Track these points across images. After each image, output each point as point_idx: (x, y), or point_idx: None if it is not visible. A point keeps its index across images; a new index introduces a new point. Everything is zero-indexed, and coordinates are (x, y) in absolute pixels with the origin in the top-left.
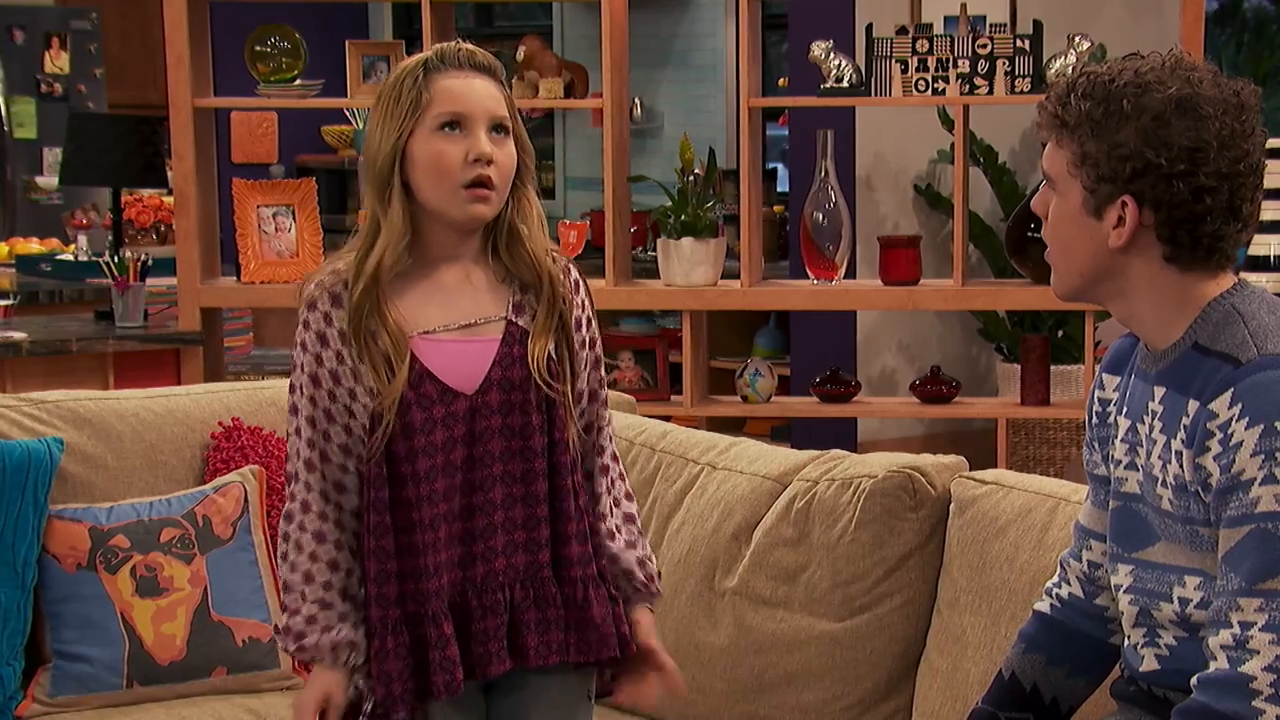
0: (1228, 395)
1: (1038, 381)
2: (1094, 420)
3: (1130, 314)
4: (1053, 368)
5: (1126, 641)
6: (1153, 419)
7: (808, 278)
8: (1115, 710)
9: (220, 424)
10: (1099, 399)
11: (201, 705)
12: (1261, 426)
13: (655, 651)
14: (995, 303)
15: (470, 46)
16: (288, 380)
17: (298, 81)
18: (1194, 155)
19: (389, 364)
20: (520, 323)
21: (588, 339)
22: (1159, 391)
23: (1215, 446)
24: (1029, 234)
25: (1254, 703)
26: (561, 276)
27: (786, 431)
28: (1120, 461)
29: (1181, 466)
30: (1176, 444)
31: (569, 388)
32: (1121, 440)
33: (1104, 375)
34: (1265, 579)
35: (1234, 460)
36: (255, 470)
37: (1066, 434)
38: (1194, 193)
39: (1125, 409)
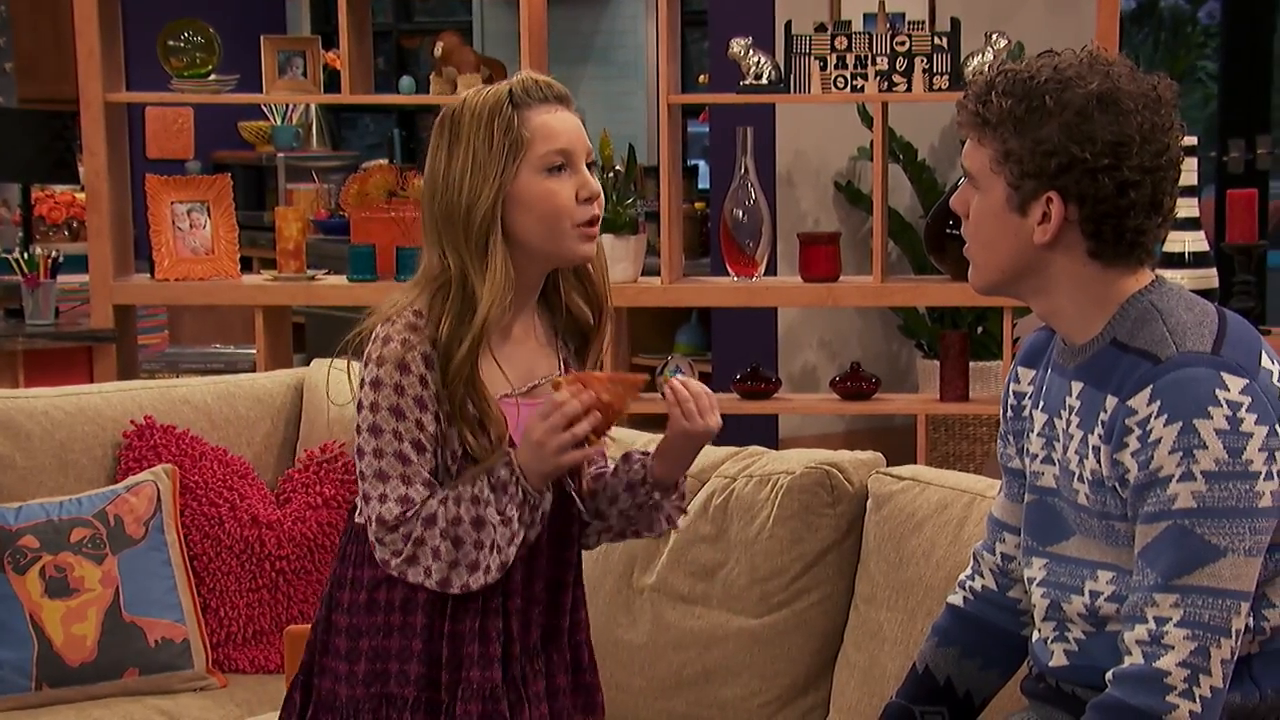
0: (1146, 392)
1: (957, 378)
2: (1009, 413)
3: (1051, 309)
4: (972, 364)
5: (1036, 635)
6: (1070, 414)
7: (728, 274)
8: (1026, 706)
9: (132, 422)
10: (1014, 392)
11: (113, 707)
12: (1180, 424)
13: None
14: (915, 299)
15: (544, 77)
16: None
17: (212, 76)
18: (1118, 149)
19: (484, 430)
20: None
21: None
22: (1076, 386)
23: (1134, 443)
24: (948, 230)
25: (1167, 698)
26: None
27: None
28: (1036, 455)
29: (1099, 462)
30: (1094, 439)
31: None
32: (1038, 434)
33: (1019, 368)
34: (1181, 575)
35: (1152, 457)
36: (169, 469)
37: (986, 430)
38: (1119, 187)
39: (1042, 403)
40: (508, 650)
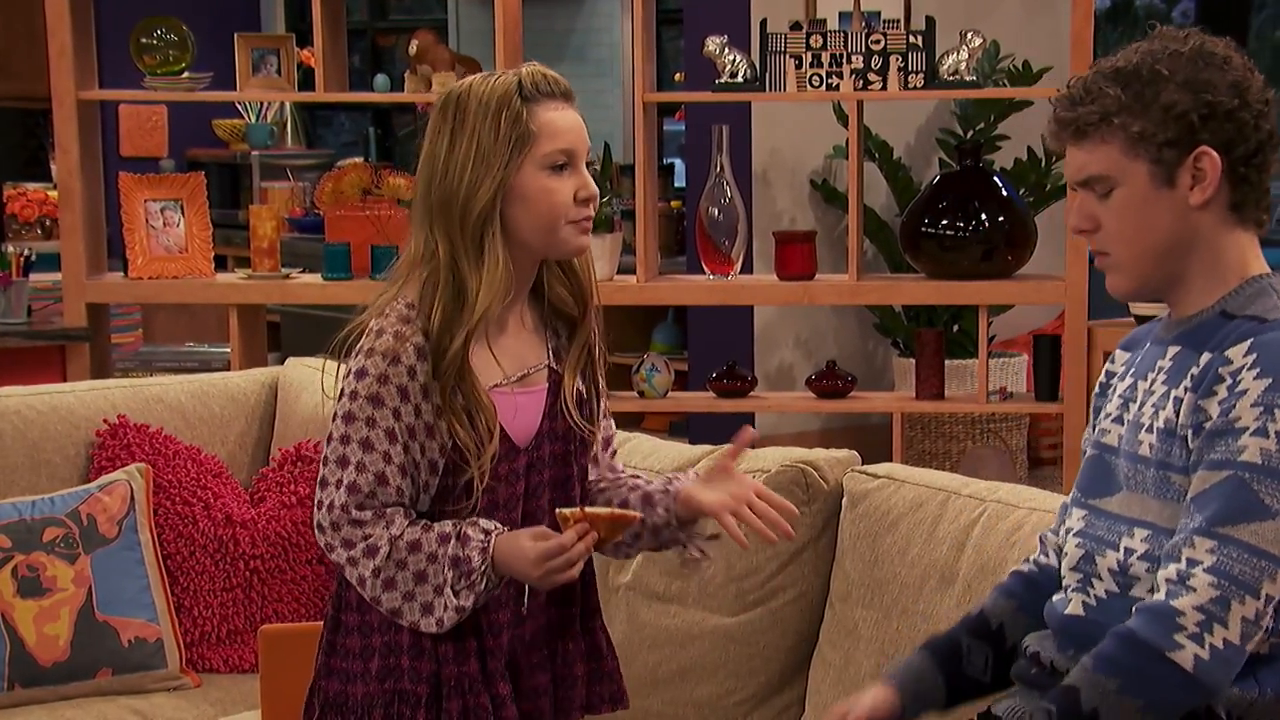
0: (1246, 345)
1: (932, 376)
2: (1096, 391)
3: (1182, 290)
4: (947, 362)
5: (1060, 592)
6: (1158, 374)
7: (704, 273)
8: (1013, 692)
9: (106, 421)
10: (1106, 371)
11: (86, 707)
12: (1270, 380)
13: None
14: (890, 297)
15: (550, 72)
16: (338, 430)
17: (185, 74)
18: (1238, 88)
19: (470, 419)
20: (560, 370)
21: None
22: (1173, 350)
23: (1222, 391)
24: (923, 229)
25: (1175, 636)
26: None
27: (685, 426)
28: (1110, 415)
29: (1177, 412)
30: (1178, 391)
31: (597, 429)
32: (1118, 396)
33: (1118, 351)
34: (1226, 524)
35: (1234, 406)
36: (142, 468)
37: (961, 428)
38: (1255, 121)
39: (1130, 372)
40: (486, 644)
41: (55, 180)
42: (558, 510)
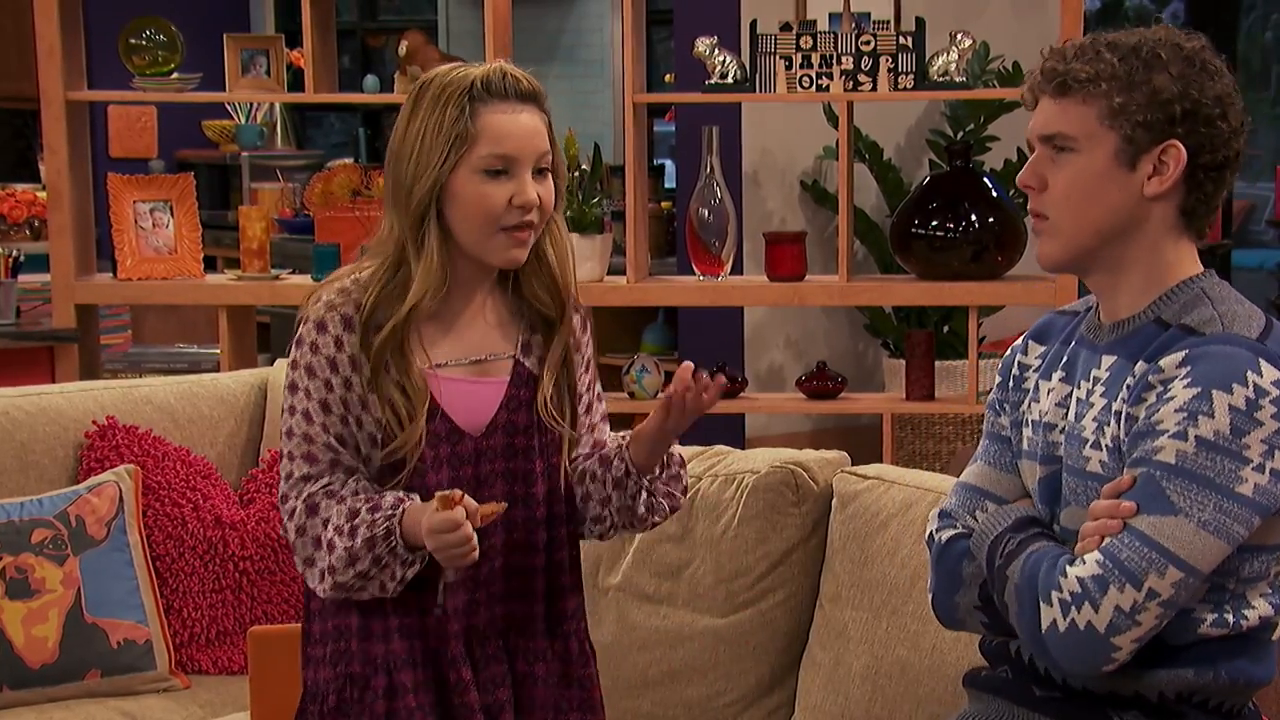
0: (1180, 355)
1: (923, 376)
2: (1010, 384)
3: (1111, 283)
4: (938, 363)
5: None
6: (1094, 385)
7: (694, 274)
8: (965, 705)
9: (94, 422)
10: (1019, 363)
11: (75, 709)
12: (1199, 390)
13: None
14: (881, 298)
15: (515, 72)
16: (288, 406)
17: (175, 75)
18: (1223, 101)
19: (405, 395)
20: (528, 364)
21: (589, 381)
22: (1108, 360)
23: (1151, 397)
24: (913, 230)
25: (1052, 594)
26: (575, 316)
27: None
28: (1055, 425)
29: (1119, 426)
30: (1118, 404)
31: (568, 430)
32: (1058, 405)
33: (1029, 342)
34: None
35: (1159, 410)
36: (131, 469)
37: (952, 429)
38: (1229, 136)
39: (1060, 374)
40: (433, 627)
41: (44, 181)
42: (438, 493)
